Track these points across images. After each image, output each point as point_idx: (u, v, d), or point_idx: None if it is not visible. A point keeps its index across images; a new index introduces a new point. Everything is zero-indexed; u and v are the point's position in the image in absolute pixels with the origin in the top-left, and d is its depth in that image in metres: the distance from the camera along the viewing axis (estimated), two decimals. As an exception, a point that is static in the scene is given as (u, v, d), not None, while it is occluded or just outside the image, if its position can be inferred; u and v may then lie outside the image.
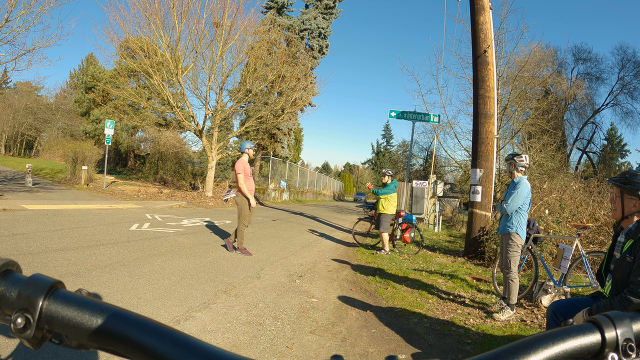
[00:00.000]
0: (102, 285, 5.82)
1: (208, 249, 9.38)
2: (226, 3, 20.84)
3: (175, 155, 34.27)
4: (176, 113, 22.78)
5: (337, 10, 39.69)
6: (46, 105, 61.26)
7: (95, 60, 51.27)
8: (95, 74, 44.01)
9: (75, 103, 53.38)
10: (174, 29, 20.51)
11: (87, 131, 43.06)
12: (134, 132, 43.40)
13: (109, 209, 14.32)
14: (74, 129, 52.10)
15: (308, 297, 6.35)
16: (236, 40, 22.04)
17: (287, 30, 35.77)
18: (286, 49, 26.52)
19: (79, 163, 23.17)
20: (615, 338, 0.59)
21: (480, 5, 11.26)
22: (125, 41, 21.61)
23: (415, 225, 11.58)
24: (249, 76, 23.05)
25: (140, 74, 24.76)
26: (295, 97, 25.71)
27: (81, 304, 0.53)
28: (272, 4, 38.15)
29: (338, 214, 25.74)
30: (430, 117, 17.49)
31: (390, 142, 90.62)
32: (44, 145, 60.02)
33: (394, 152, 73.17)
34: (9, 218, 10.31)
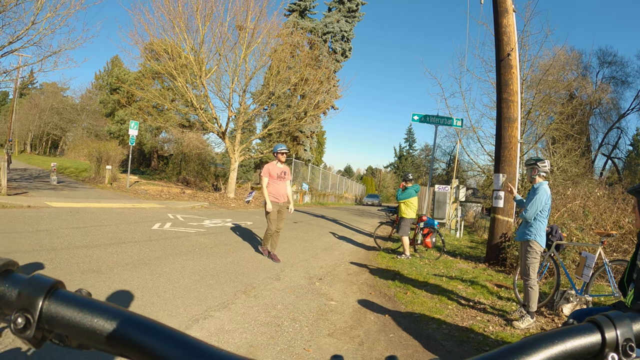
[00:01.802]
0: (123, 282, 5.89)
1: (229, 249, 9.42)
2: (249, 6, 20.97)
3: (198, 157, 34.51)
4: (199, 115, 22.94)
5: (360, 14, 39.64)
6: (72, 105, 62.38)
7: (120, 62, 52.01)
8: (120, 75, 44.52)
9: (100, 104, 54.15)
10: (198, 31, 20.69)
11: (111, 131, 43.57)
12: (157, 133, 43.77)
13: (131, 208, 14.49)
14: (99, 129, 52.86)
15: (327, 300, 6.34)
16: (259, 43, 22.13)
17: (310, 33, 35.83)
18: (309, 51, 26.60)
19: (103, 162, 23.52)
20: (616, 338, 0.59)
21: (504, 8, 11.14)
22: (149, 44, 21.86)
23: (437, 230, 11.49)
24: (272, 79, 23.11)
25: (165, 76, 24.94)
26: (318, 100, 25.68)
27: (81, 304, 0.53)
28: (295, 7, 38.24)
29: (359, 217, 25.65)
30: (453, 121, 17.39)
31: (412, 145, 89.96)
32: (69, 144, 61.10)
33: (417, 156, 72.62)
34: (34, 215, 10.50)
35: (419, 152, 70.28)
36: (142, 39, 21.35)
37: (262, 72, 24.37)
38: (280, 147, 8.84)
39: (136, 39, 21.16)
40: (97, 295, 3.99)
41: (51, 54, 14.85)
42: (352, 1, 38.71)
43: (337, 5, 39.23)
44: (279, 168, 8.83)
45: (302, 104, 25.26)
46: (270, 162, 8.93)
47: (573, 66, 28.90)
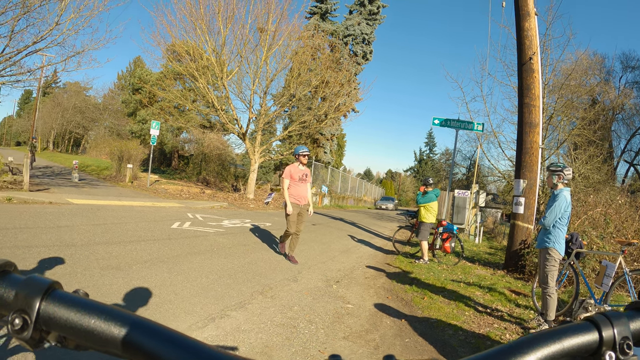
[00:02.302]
0: (141, 279, 5.94)
1: (247, 250, 9.45)
2: (270, 8, 21.03)
3: (218, 157, 34.77)
4: (220, 116, 23.08)
5: (381, 16, 39.53)
6: (94, 105, 63.31)
7: (143, 63, 52.56)
8: (142, 76, 45.01)
9: (122, 104, 54.89)
10: (219, 33, 20.82)
11: (133, 131, 44.04)
12: (178, 133, 44.14)
13: (151, 206, 14.61)
14: (121, 128, 53.54)
15: (344, 303, 6.32)
16: (280, 45, 22.20)
17: (330, 36, 35.84)
18: (330, 54, 26.57)
19: (125, 161, 23.83)
20: (613, 336, 0.59)
21: (526, 11, 11.03)
22: (171, 45, 22.10)
23: (456, 235, 11.38)
24: (293, 81, 23.16)
25: (186, 77, 25.14)
26: (338, 103, 25.68)
27: (79, 304, 0.53)
28: (316, 9, 38.29)
29: (378, 221, 25.56)
30: (474, 125, 17.27)
31: (433, 150, 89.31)
32: (91, 143, 62.03)
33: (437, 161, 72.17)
34: (55, 211, 10.64)
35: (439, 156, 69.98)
36: (164, 40, 21.64)
37: (283, 74, 24.45)
38: (301, 149, 8.78)
39: (158, 40, 21.44)
40: (115, 292, 4.05)
41: (74, 54, 15.14)
42: (373, 4, 38.63)
43: (358, 7, 39.19)
44: (300, 170, 8.80)
45: (322, 107, 25.29)
46: (292, 164, 8.90)
47: (595, 71, 28.49)
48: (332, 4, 38.56)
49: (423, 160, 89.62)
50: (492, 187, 34.70)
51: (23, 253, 6.39)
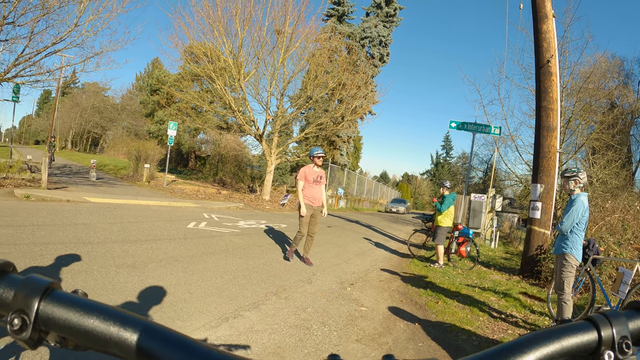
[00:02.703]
0: (156, 278, 5.99)
1: (262, 250, 9.47)
2: (287, 11, 21.05)
3: (235, 158, 34.94)
4: (237, 117, 23.17)
5: (398, 19, 39.42)
6: (112, 105, 64.08)
7: (161, 64, 53.05)
8: (160, 77, 45.39)
9: (140, 104, 55.41)
10: (237, 35, 20.89)
11: (150, 131, 44.39)
12: (195, 134, 44.42)
13: (168, 206, 14.72)
14: (139, 128, 54.07)
15: (357, 306, 6.30)
16: (297, 48, 22.21)
17: (347, 38, 35.82)
18: (347, 56, 26.54)
19: (142, 161, 24.04)
20: (612, 336, 0.59)
21: (543, 13, 10.91)
22: (189, 47, 22.24)
23: (472, 239, 11.28)
24: (310, 83, 23.17)
25: (204, 79, 25.35)
26: (355, 105, 25.63)
27: (78, 304, 0.53)
28: (333, 12, 38.31)
29: (394, 224, 25.46)
30: (491, 128, 17.17)
31: (450, 153, 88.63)
32: (108, 142, 62.71)
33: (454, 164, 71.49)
34: (72, 209, 10.77)
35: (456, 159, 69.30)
36: (182, 42, 21.81)
37: (300, 76, 24.46)
38: (317, 150, 8.71)
39: (176, 42, 21.63)
40: (130, 290, 4.08)
41: (93, 55, 15.41)
42: (390, 6, 38.56)
43: (375, 10, 39.13)
44: (315, 172, 8.74)
45: (339, 109, 25.25)
46: (307, 166, 8.84)
47: (614, 74, 27.99)
48: (349, 6, 38.57)
49: (440, 163, 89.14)
50: (509, 192, 34.37)
51: (40, 250, 6.47)
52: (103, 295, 4.96)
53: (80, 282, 5.30)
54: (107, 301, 4.54)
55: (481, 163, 34.83)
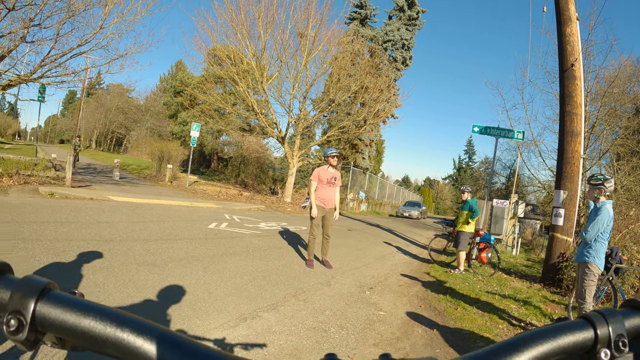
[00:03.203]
0: (176, 277, 6.02)
1: (282, 252, 9.47)
2: (310, 14, 21.10)
3: (257, 160, 35.14)
4: (260, 119, 23.30)
5: (421, 22, 39.21)
6: (136, 106, 65.07)
7: (184, 67, 53.63)
8: (183, 79, 45.93)
9: (164, 105, 56.12)
10: (260, 38, 21.03)
11: (173, 132, 44.91)
12: (218, 136, 44.78)
13: (189, 206, 14.82)
14: (162, 129, 54.73)
15: (376, 310, 6.25)
16: (320, 51, 22.22)
17: (370, 41, 35.73)
18: (369, 60, 26.48)
19: (165, 162, 24.31)
20: (608, 334, 0.59)
21: (567, 16, 10.74)
22: (212, 49, 22.47)
23: (493, 245, 11.12)
24: (333, 86, 23.18)
25: (227, 81, 25.51)
26: (377, 109, 25.55)
27: (74, 305, 0.52)
28: (356, 15, 38.26)
29: (414, 229, 25.30)
30: (514, 133, 16.97)
31: (472, 158, 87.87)
32: (132, 142, 63.70)
33: (476, 169, 71.04)
34: (95, 207, 10.92)
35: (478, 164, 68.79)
36: (205, 45, 22.08)
37: (322, 79, 24.46)
38: (330, 150, 8.60)
39: (200, 45, 21.89)
40: (150, 287, 4.10)
41: (118, 57, 15.68)
42: (413, 9, 38.38)
43: (397, 13, 38.99)
44: (330, 173, 8.63)
45: (361, 112, 25.20)
46: (321, 167, 8.74)
47: (640, 78, 27.50)
48: (371, 9, 38.50)
49: (462, 168, 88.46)
50: (532, 198, 33.93)
51: (63, 246, 6.55)
52: (123, 292, 5.01)
53: (101, 279, 5.35)
54: (127, 298, 4.60)
55: (504, 168, 34.53)
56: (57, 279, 5.09)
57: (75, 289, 0.58)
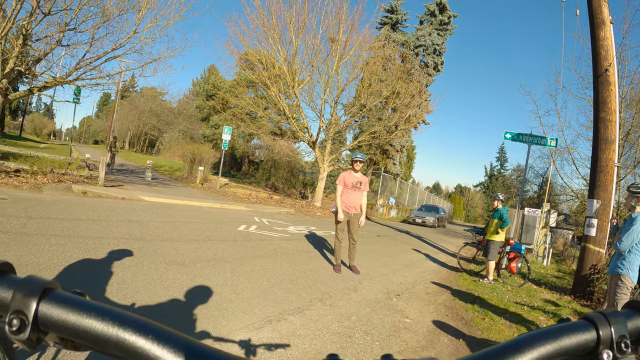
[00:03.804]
0: (204, 277, 6.07)
1: (310, 256, 9.47)
2: (341, 19, 21.12)
3: (287, 164, 35.26)
4: (291, 124, 23.39)
5: (452, 27, 38.87)
6: (169, 109, 66.19)
7: (216, 71, 54.29)
8: (216, 83, 46.46)
9: (196, 109, 56.86)
10: (291, 43, 21.18)
11: (205, 135, 45.42)
12: (249, 139, 45.11)
13: (219, 208, 14.96)
14: (194, 132, 55.48)
15: (402, 317, 6.18)
16: (351, 56, 22.22)
17: (401, 46, 35.56)
18: (401, 65, 26.34)
19: (196, 164, 24.60)
20: (610, 335, 0.58)
21: (600, 19, 10.46)
22: (244, 54, 22.74)
23: (523, 255, 10.87)
24: (364, 91, 23.14)
25: (259, 85, 25.68)
26: (409, 114, 25.39)
27: (77, 305, 0.52)
28: (386, 20, 38.17)
29: (444, 236, 25.04)
30: (547, 140, 16.65)
31: (504, 165, 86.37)
32: (164, 144, 64.79)
33: (508, 177, 69.91)
34: (127, 206, 11.12)
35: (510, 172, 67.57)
36: (237, 49, 22.37)
37: (353, 84, 24.43)
38: (356, 155, 8.54)
39: (232, 49, 22.20)
40: (178, 287, 4.13)
41: (151, 61, 16.14)
42: (444, 14, 38.10)
43: (428, 18, 38.75)
44: (355, 177, 8.54)
45: (393, 118, 25.08)
46: (347, 171, 8.69)
47: (675, 83, 26.67)
48: (402, 14, 38.37)
49: (494, 175, 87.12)
50: (564, 207, 33.21)
51: (94, 243, 6.68)
52: (151, 291, 5.07)
53: (130, 276, 5.43)
54: (155, 297, 4.64)
55: (536, 176, 33.89)
56: (87, 275, 5.20)
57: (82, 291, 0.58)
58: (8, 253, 5.51)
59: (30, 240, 6.31)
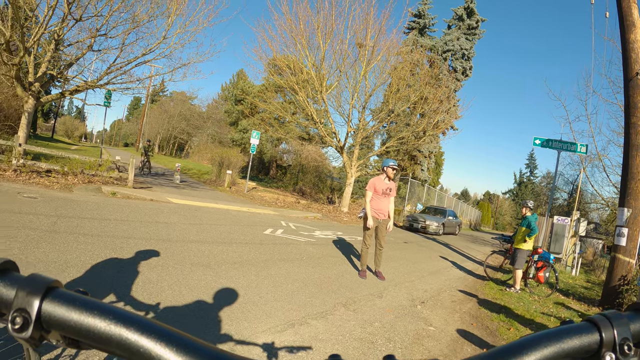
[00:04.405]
0: (229, 279, 6.11)
1: (335, 261, 9.44)
2: (368, 24, 21.08)
3: (315, 169, 35.30)
4: (319, 129, 23.44)
5: (480, 31, 38.46)
6: (198, 113, 67.01)
7: (245, 76, 54.63)
8: (244, 88, 46.87)
9: (225, 113, 57.35)
10: (319, 48, 21.22)
11: (234, 139, 45.76)
12: (277, 144, 45.35)
13: (246, 212, 15.04)
14: (222, 136, 55.88)
15: (426, 325, 6.11)
16: (379, 61, 22.14)
17: (429, 51, 35.36)
18: (429, 70, 26.18)
19: (224, 167, 24.82)
20: (613, 337, 0.58)
21: (630, 21, 10.19)
22: (272, 59, 22.82)
23: (551, 265, 10.65)
24: (392, 96, 23.03)
25: (287, 90, 25.85)
26: (437, 120, 25.17)
27: (80, 303, 0.52)
28: (414, 24, 37.98)
29: (471, 244, 24.76)
30: (577, 146, 16.34)
31: (534, 172, 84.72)
32: (193, 148, 65.47)
33: (537, 184, 68.85)
34: (155, 208, 11.27)
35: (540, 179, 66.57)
36: (265, 55, 22.52)
37: (381, 89, 24.32)
38: (390, 162, 8.52)
39: (260, 55, 22.40)
40: (203, 288, 4.17)
41: (180, 66, 16.55)
42: (472, 18, 37.75)
43: (456, 22, 38.44)
44: (385, 184, 8.51)
45: (421, 123, 24.92)
46: (377, 177, 8.65)
47: None
48: (430, 18, 38.16)
49: (523, 182, 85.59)
50: (594, 215, 32.53)
51: (121, 243, 6.79)
52: (175, 291, 5.12)
53: (155, 276, 5.50)
54: (179, 297, 4.68)
55: (566, 184, 33.34)
56: (113, 274, 5.28)
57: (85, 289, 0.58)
58: (37, 250, 5.63)
59: (59, 238, 6.44)
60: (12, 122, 16.76)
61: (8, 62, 12.75)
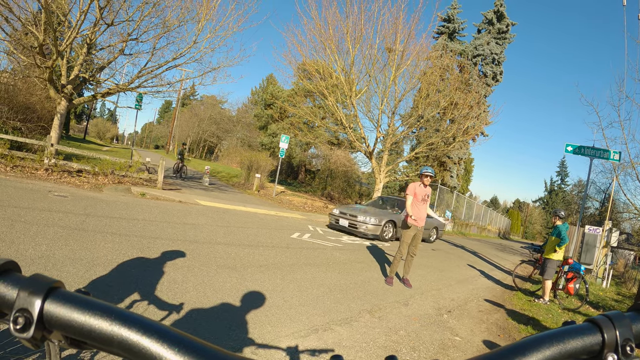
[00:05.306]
0: (254, 282, 6.13)
1: (362, 267, 9.39)
2: (398, 29, 20.96)
3: (344, 174, 35.28)
4: (348, 134, 23.39)
5: (511, 35, 37.97)
6: (228, 117, 67.87)
7: (275, 80, 55.09)
8: (274, 92, 47.21)
9: (254, 117, 57.89)
10: (348, 53, 21.19)
11: (263, 143, 46.11)
12: (306, 148, 45.45)
13: (274, 215, 15.11)
14: (252, 140, 56.37)
15: (452, 335, 6.02)
16: (408, 65, 21.98)
17: (459, 56, 35.01)
18: (459, 75, 25.90)
19: (253, 171, 25.04)
20: (615, 338, 0.57)
21: None
22: (302, 64, 22.95)
23: (582, 276, 10.37)
24: (421, 102, 22.85)
25: (316, 95, 25.88)
26: (467, 126, 24.87)
27: (82, 303, 0.52)
28: (444, 29, 37.75)
29: (500, 253, 24.40)
30: (610, 154, 16.00)
31: (565, 180, 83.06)
32: (223, 151, 66.33)
33: (568, 192, 67.60)
34: (183, 209, 11.41)
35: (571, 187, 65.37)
36: (295, 59, 22.60)
37: (411, 94, 24.15)
38: (427, 169, 8.46)
39: (289, 59, 22.46)
40: (227, 290, 4.19)
41: (211, 70, 16.88)
42: (502, 22, 37.31)
43: (486, 26, 38.05)
44: (424, 190, 8.47)
45: (450, 129, 24.67)
46: (415, 183, 8.59)
47: None
48: (459, 23, 37.90)
49: (554, 190, 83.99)
50: (627, 226, 31.77)
51: (148, 243, 6.88)
52: (200, 292, 5.16)
53: (181, 277, 5.55)
54: (203, 298, 4.70)
55: (598, 192, 32.69)
56: (139, 273, 5.34)
57: None
58: (65, 247, 5.73)
59: (87, 236, 6.56)
60: (45, 123, 17.16)
61: (41, 64, 13.10)
